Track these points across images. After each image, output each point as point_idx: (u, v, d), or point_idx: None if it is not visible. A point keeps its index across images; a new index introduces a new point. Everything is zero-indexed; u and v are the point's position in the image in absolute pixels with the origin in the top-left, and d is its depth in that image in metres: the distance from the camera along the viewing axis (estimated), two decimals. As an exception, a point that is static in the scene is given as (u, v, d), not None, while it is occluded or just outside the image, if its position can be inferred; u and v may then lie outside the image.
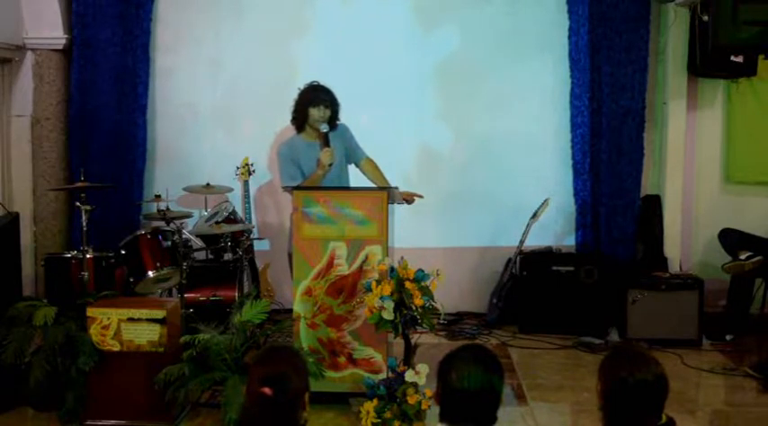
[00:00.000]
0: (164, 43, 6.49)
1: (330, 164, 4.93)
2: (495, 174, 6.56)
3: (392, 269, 4.32)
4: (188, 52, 6.54)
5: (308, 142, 5.10)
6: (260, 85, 6.54)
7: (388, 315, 4.21)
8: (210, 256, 5.89)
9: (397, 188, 4.94)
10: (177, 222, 5.38)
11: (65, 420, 4.40)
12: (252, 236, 6.23)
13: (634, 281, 5.92)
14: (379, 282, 4.27)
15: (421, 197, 5.10)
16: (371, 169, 5.26)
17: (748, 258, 5.69)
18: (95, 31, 6.18)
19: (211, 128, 6.59)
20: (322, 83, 5.20)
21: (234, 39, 6.53)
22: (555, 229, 6.58)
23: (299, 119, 5.12)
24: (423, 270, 4.30)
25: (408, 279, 4.25)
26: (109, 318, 4.37)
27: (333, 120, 5.11)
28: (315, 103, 5.04)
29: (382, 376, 4.50)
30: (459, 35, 6.54)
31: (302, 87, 5.17)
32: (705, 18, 5.62)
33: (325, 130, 4.98)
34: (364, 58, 6.46)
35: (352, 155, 5.27)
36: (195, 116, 6.58)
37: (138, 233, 5.44)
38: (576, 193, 6.44)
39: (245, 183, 6.37)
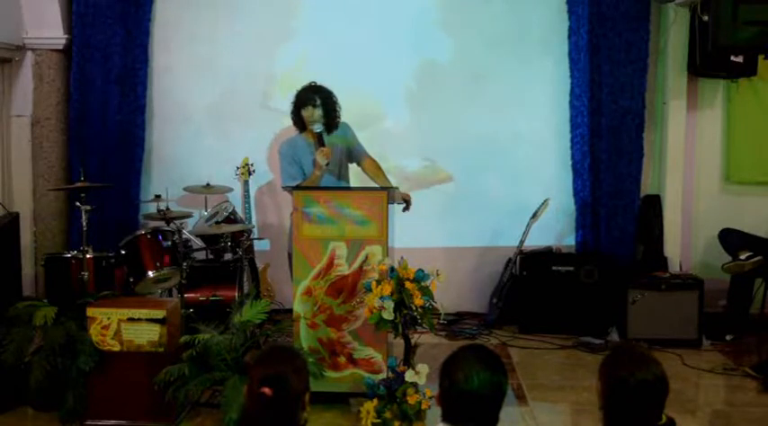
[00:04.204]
0: (162, 43, 6.49)
1: (327, 164, 4.92)
2: (496, 174, 6.56)
3: (392, 269, 4.32)
4: (187, 52, 6.53)
5: (309, 142, 5.09)
6: (259, 85, 6.54)
7: (388, 315, 4.21)
8: (210, 256, 5.88)
9: (397, 188, 4.94)
10: (177, 222, 5.38)
11: (65, 420, 4.41)
12: (252, 236, 6.23)
13: (634, 281, 5.92)
14: (379, 282, 4.27)
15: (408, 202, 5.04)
16: (373, 169, 5.25)
17: (748, 258, 5.69)
18: (96, 31, 6.18)
19: (211, 128, 6.59)
20: (321, 81, 5.18)
21: (232, 38, 6.51)
22: (555, 229, 6.58)
23: (297, 121, 5.12)
24: (423, 270, 4.30)
25: (408, 279, 4.25)
26: (109, 318, 4.37)
27: (331, 119, 5.09)
28: (305, 104, 5.04)
29: (382, 376, 4.50)
30: (458, 34, 6.53)
31: (299, 88, 5.17)
32: (705, 18, 5.62)
33: (318, 130, 4.97)
34: (362, 59, 6.45)
35: (354, 154, 5.26)
36: (194, 116, 6.57)
37: (138, 233, 5.43)
38: (576, 193, 6.44)
39: (245, 183, 6.37)
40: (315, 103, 5.02)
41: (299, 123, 5.12)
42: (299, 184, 4.94)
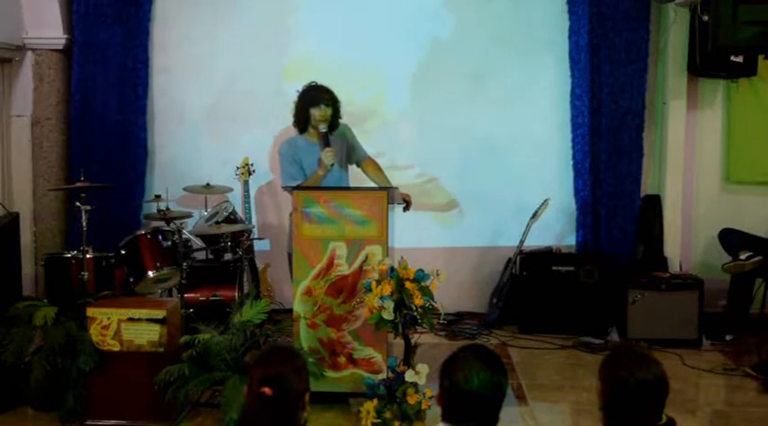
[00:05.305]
0: (162, 43, 6.49)
1: (332, 165, 4.91)
2: (496, 174, 6.56)
3: (392, 269, 4.32)
4: (186, 51, 6.53)
5: (310, 142, 5.07)
6: (259, 85, 6.52)
7: (388, 315, 4.21)
8: (210, 256, 5.88)
9: (396, 188, 4.93)
10: (177, 222, 5.38)
11: (65, 420, 4.41)
12: (252, 236, 6.23)
13: (634, 281, 5.92)
14: (379, 282, 4.27)
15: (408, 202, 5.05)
16: (373, 169, 5.24)
17: (748, 258, 5.69)
18: (96, 31, 6.18)
19: (211, 128, 6.59)
20: (321, 80, 5.18)
21: (232, 37, 6.51)
22: (555, 229, 6.58)
23: (301, 120, 5.09)
24: (423, 270, 4.30)
25: (408, 279, 4.25)
26: (109, 318, 4.37)
27: (334, 119, 5.09)
28: (315, 103, 5.00)
29: (382, 376, 4.50)
30: (458, 34, 6.53)
31: (300, 89, 5.15)
32: (705, 18, 5.62)
33: (324, 130, 4.96)
34: (361, 58, 6.46)
35: (354, 154, 5.24)
36: (194, 115, 6.57)
37: (138, 233, 5.42)
38: (577, 193, 6.44)
39: (245, 183, 6.37)
40: (327, 102, 5.01)
41: (302, 123, 5.09)
42: (301, 184, 4.93)
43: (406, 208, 5.03)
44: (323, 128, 4.96)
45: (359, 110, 5.93)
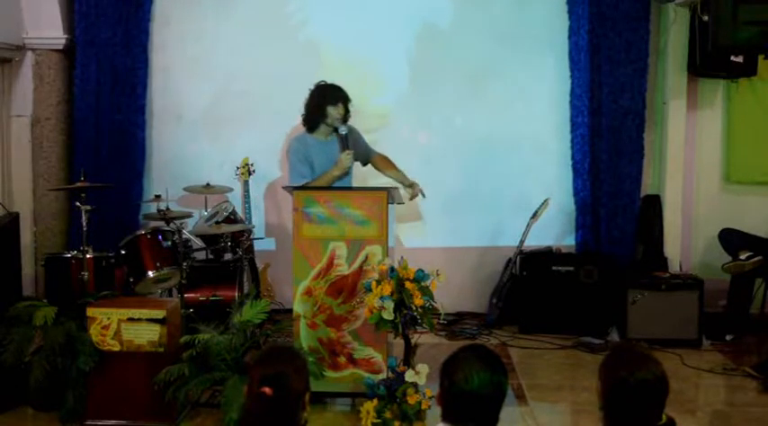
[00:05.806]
0: (162, 43, 6.49)
1: (349, 167, 4.90)
2: (496, 174, 6.56)
3: (392, 269, 4.32)
4: (186, 51, 6.52)
5: (320, 141, 5.06)
6: (259, 84, 6.52)
7: (388, 315, 4.21)
8: (210, 256, 5.88)
9: (397, 189, 4.93)
10: (177, 222, 5.38)
11: (65, 420, 4.41)
12: (252, 236, 6.23)
13: (634, 281, 5.92)
14: (379, 282, 4.27)
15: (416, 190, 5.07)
16: (385, 164, 5.24)
17: (748, 258, 5.69)
18: (97, 31, 6.18)
19: (211, 128, 6.58)
20: (319, 80, 5.17)
21: (232, 38, 6.51)
22: (555, 229, 6.58)
23: (314, 118, 5.06)
24: (423, 270, 4.30)
25: (408, 279, 4.25)
26: (109, 318, 4.37)
27: (346, 120, 5.08)
28: (333, 102, 4.99)
29: (382, 376, 4.50)
30: (458, 35, 6.53)
31: (312, 88, 5.13)
32: (705, 18, 5.62)
33: (344, 133, 4.94)
34: (360, 58, 6.46)
35: (364, 154, 5.23)
36: (194, 115, 6.56)
37: (138, 233, 5.43)
38: (576, 193, 6.45)
39: (245, 183, 6.37)
40: (343, 101, 5.00)
41: (313, 121, 5.07)
42: (312, 183, 4.91)
43: (413, 196, 5.03)
44: (343, 130, 4.95)
45: (357, 108, 5.91)
